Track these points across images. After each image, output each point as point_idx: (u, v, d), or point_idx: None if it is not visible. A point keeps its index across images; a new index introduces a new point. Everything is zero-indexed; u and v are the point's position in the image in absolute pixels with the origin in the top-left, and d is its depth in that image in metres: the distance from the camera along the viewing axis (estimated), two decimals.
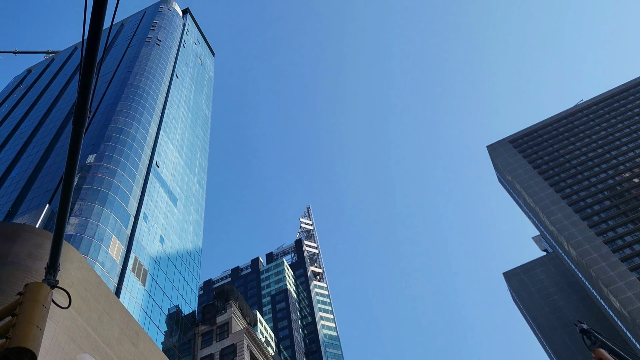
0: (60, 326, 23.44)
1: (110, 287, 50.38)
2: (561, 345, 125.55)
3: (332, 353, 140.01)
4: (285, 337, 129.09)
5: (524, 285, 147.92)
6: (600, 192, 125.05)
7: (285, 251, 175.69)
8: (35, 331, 6.65)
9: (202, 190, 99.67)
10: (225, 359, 67.23)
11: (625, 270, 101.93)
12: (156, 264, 67.48)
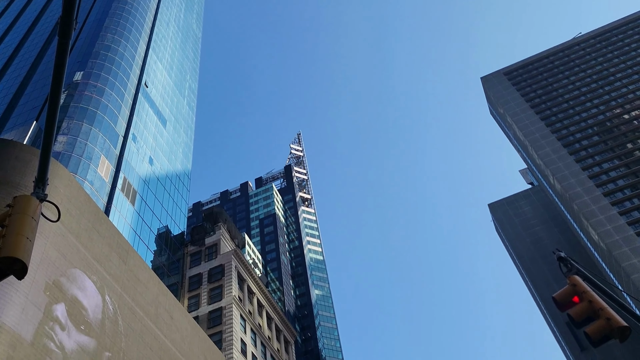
0: (50, 242, 23.79)
1: (100, 206, 50.79)
2: (539, 275, 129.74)
3: (318, 276, 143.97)
4: (272, 259, 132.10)
5: (507, 217, 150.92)
6: (590, 127, 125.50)
7: (275, 176, 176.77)
8: (25, 242, 6.75)
9: (192, 113, 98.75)
10: (213, 279, 68.97)
11: (607, 204, 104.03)
12: (145, 184, 67.77)
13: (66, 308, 23.50)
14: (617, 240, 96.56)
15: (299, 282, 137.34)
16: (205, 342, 35.58)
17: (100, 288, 26.16)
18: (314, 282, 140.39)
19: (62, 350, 22.16)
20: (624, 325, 9.04)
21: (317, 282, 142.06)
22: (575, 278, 9.83)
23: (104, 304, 26.14)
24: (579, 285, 9.72)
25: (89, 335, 24.04)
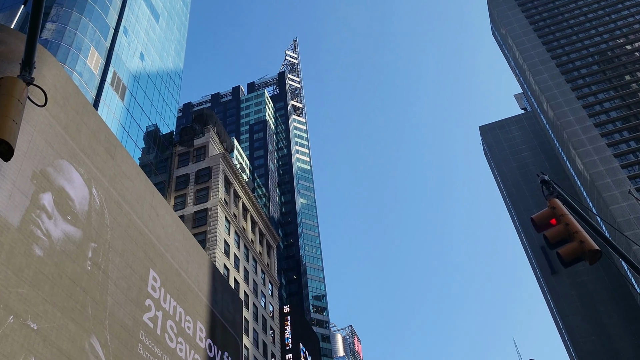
0: (37, 131, 23.62)
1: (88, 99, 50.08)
2: (521, 200, 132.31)
3: (304, 185, 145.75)
4: (260, 166, 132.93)
5: (497, 141, 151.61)
6: (590, 56, 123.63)
7: (268, 82, 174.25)
8: (11, 124, 6.67)
9: (186, 10, 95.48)
10: (200, 180, 69.60)
11: (596, 135, 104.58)
12: (135, 80, 66.61)
13: (53, 198, 23.74)
14: (601, 171, 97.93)
15: (285, 189, 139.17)
16: (189, 240, 36.45)
17: (87, 180, 26.33)
18: (299, 191, 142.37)
19: (49, 238, 22.62)
20: (596, 249, 9.36)
21: (302, 191, 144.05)
22: (555, 201, 10.04)
23: (91, 196, 26.43)
24: (558, 208, 9.94)
25: (75, 225, 24.46)
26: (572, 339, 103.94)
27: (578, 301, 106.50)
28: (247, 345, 59.00)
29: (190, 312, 33.03)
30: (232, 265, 62.95)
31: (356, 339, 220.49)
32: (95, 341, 23.40)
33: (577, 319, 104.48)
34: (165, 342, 29.16)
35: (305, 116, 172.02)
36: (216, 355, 35.19)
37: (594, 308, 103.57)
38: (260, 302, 69.63)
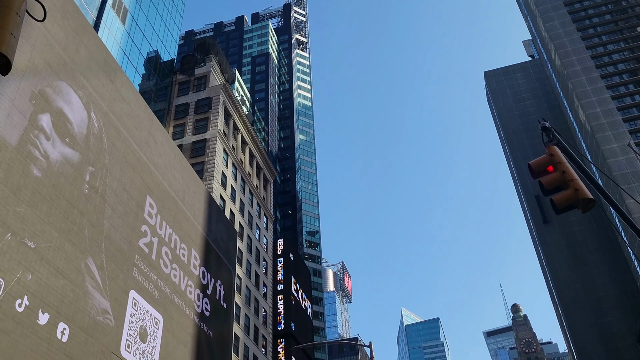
0: (36, 49, 23.22)
1: (88, 20, 48.94)
2: (520, 148, 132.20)
3: (304, 121, 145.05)
4: (261, 99, 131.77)
5: (501, 87, 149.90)
6: (604, 4, 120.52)
7: (272, 14, 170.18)
8: (9, 37, 6.52)
9: None
10: (200, 110, 69.14)
11: (602, 87, 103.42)
12: (137, 3, 64.95)
13: (51, 119, 23.61)
14: (603, 124, 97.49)
15: (284, 125, 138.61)
16: (187, 170, 36.58)
17: (86, 104, 26.12)
18: (299, 127, 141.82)
19: (47, 159, 22.66)
20: (589, 197, 9.43)
21: (302, 127, 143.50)
22: (554, 148, 10.03)
23: (89, 120, 26.29)
24: (556, 155, 9.94)
25: (73, 148, 24.45)
26: (557, 287, 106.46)
27: (567, 250, 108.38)
28: (240, 275, 60.34)
29: (186, 240, 33.58)
30: (228, 196, 63.48)
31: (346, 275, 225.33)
32: (91, 262, 23.88)
33: (564, 267, 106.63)
34: (160, 268, 29.79)
35: (309, 51, 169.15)
36: (209, 283, 36.03)
37: (582, 258, 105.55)
38: (255, 234, 70.70)
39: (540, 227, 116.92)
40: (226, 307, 38.44)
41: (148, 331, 27.34)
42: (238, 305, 57.88)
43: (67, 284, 21.98)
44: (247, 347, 58.06)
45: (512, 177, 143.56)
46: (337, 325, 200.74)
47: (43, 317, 20.40)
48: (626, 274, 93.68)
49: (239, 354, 54.88)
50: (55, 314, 21.02)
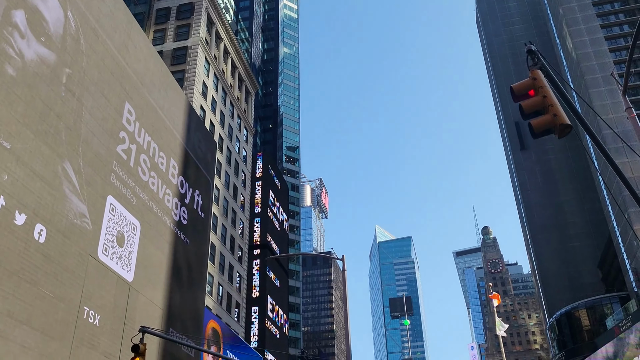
0: None
1: None
2: (504, 73, 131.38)
3: (289, 34, 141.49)
4: (245, 8, 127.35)
5: (492, 9, 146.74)
6: None
7: None
8: None
9: None
10: (182, 16, 66.85)
11: (592, 14, 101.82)
12: None
13: (26, 16, 22.67)
14: (589, 52, 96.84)
15: (268, 36, 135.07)
16: (166, 77, 35.81)
17: (62, 2, 25.04)
18: (283, 40, 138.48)
19: (22, 58, 21.96)
20: (567, 123, 9.55)
21: (287, 39, 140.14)
22: (537, 72, 10.01)
23: (66, 20, 25.30)
24: (539, 79, 9.94)
25: (49, 48, 23.66)
26: (527, 212, 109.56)
27: (540, 177, 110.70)
28: (218, 186, 60.78)
29: (164, 149, 33.44)
30: (208, 107, 62.74)
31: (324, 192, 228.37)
32: (68, 166, 23.77)
33: (537, 194, 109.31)
34: (138, 175, 29.81)
35: None
36: (187, 192, 36.29)
37: (554, 185, 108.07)
38: (235, 146, 70.60)
39: (517, 153, 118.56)
40: (204, 217, 38.99)
41: (125, 236, 27.75)
42: (215, 216, 58.71)
43: (44, 187, 21.96)
44: (223, 256, 59.49)
45: (494, 103, 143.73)
46: (312, 240, 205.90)
47: (20, 217, 20.52)
48: (594, 203, 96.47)
49: (215, 263, 56.30)
50: (32, 215, 21.14)
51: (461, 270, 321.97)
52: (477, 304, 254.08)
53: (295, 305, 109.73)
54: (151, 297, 29.61)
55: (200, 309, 36.85)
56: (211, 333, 44.20)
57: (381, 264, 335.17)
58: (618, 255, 77.71)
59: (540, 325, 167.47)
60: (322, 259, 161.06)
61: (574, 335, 75.38)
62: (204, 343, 37.80)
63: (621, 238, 74.84)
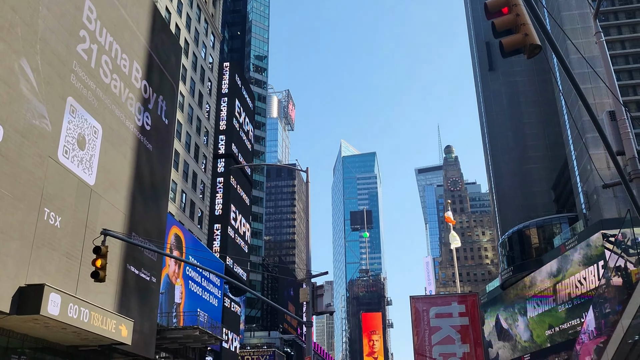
0: None
1: None
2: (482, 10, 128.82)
3: None
4: None
5: None
6: None
7: None
8: None
9: None
10: None
11: None
12: None
13: None
14: None
15: None
16: None
17: None
18: None
19: None
20: (537, 44, 9.55)
21: None
22: None
23: None
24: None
25: None
26: (490, 133, 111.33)
27: (506, 99, 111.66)
28: (183, 92, 59.50)
29: (127, 51, 32.26)
30: (174, 9, 60.18)
31: (291, 104, 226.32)
32: (25, 64, 22.81)
33: (501, 115, 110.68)
34: (99, 77, 28.87)
35: None
36: (151, 97, 35.46)
37: (518, 108, 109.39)
38: (201, 52, 68.57)
39: (485, 74, 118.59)
40: (167, 124, 38.40)
41: (87, 139, 27.24)
42: (180, 123, 57.89)
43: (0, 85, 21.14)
44: (187, 164, 59.27)
45: (467, 21, 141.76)
46: (277, 151, 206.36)
47: None
48: (555, 127, 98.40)
49: (178, 170, 56.13)
50: None
51: (422, 187, 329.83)
52: (435, 220, 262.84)
53: (258, 214, 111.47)
54: (113, 202, 29.59)
55: (163, 215, 37.11)
56: (174, 239, 44.83)
57: (344, 178, 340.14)
58: (572, 178, 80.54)
59: (492, 242, 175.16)
60: (286, 171, 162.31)
61: (523, 252, 79.19)
62: (167, 248, 38.39)
63: (576, 162, 77.29)
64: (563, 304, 60.25)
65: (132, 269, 31.39)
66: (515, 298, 72.66)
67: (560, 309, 60.75)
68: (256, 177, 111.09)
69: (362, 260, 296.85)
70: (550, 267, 63.90)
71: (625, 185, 11.65)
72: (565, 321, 59.42)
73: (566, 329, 58.54)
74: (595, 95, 68.14)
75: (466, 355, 15.02)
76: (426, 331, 15.64)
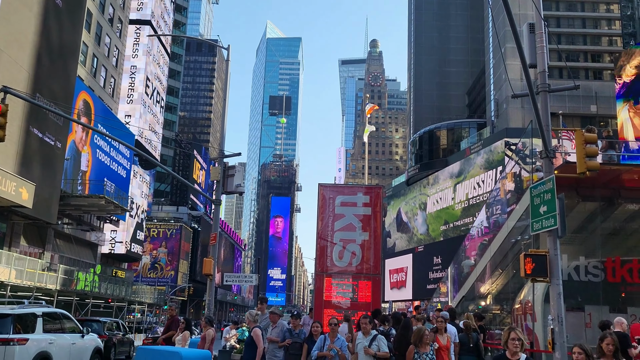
0: None
1: None
2: None
3: None
4: None
5: None
6: None
7: None
8: None
9: None
10: None
11: None
12: None
13: None
14: None
15: None
16: None
17: None
18: None
19: None
20: None
21: None
22: None
23: None
24: None
25: None
26: (417, 32, 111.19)
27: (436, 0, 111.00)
28: None
29: None
30: None
31: None
32: None
33: (429, 14, 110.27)
34: None
35: None
36: None
37: (447, 9, 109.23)
38: None
39: None
40: None
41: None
42: None
43: None
44: (100, 27, 55.37)
45: None
46: (200, 24, 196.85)
47: None
48: (478, 33, 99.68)
49: (90, 32, 52.43)
50: None
51: (343, 79, 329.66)
52: (352, 112, 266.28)
53: (174, 89, 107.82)
54: (16, 58, 27.55)
55: (71, 78, 35.12)
56: (82, 105, 42.76)
57: (267, 61, 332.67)
58: (486, 85, 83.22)
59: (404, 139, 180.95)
60: (207, 46, 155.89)
61: (431, 151, 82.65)
62: (74, 113, 36.66)
63: (493, 70, 79.56)
64: (460, 203, 64.48)
65: (36, 131, 29.99)
66: (418, 194, 76.77)
67: (457, 207, 65.06)
68: (175, 50, 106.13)
69: (277, 146, 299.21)
70: (453, 168, 67.43)
71: (531, 97, 12.23)
72: (459, 219, 63.91)
73: (459, 226, 63.11)
74: (520, 6, 69.03)
75: (365, 242, 15.97)
76: (330, 217, 16.36)
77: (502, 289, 23.91)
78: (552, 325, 11.51)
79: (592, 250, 19.36)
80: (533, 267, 11.59)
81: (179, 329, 13.67)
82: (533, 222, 12.52)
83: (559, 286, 11.67)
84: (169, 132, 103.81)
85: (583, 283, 18.27)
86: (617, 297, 18.71)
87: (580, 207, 19.25)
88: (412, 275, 72.40)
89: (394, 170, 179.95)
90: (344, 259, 16.13)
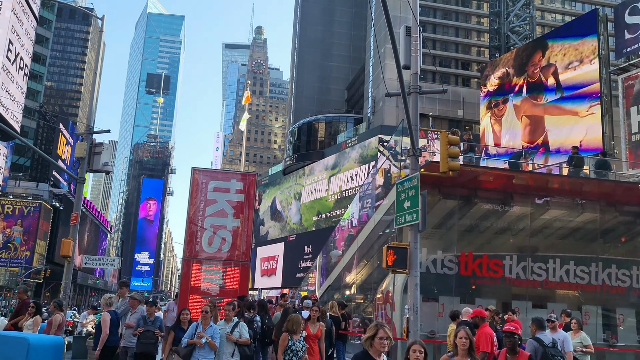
0: None
1: None
2: None
3: None
4: None
5: None
6: None
7: None
8: None
9: None
10: None
11: None
12: None
13: None
14: None
15: None
16: None
17: None
18: None
19: None
20: None
21: None
22: None
23: None
24: None
25: None
26: (302, 22, 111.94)
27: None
28: None
29: None
30: None
31: None
32: None
33: (316, 7, 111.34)
34: None
35: None
36: None
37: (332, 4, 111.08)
38: None
39: None
40: None
41: None
42: None
43: None
44: None
45: None
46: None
47: None
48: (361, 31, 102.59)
49: None
50: None
51: (226, 63, 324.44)
52: (233, 98, 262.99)
53: (41, 56, 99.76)
54: None
55: None
56: None
57: (147, 37, 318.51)
58: (365, 82, 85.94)
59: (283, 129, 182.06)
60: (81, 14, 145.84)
61: (309, 143, 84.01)
62: None
63: (372, 68, 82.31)
64: (333, 194, 66.21)
65: None
66: (294, 184, 77.70)
67: (330, 199, 66.75)
68: (44, 14, 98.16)
69: (152, 126, 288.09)
70: (329, 160, 69.05)
71: (403, 97, 12.80)
72: (332, 210, 65.63)
73: (331, 217, 64.81)
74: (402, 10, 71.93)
75: (236, 229, 15.88)
76: (202, 202, 16.05)
77: (367, 279, 24.94)
78: (408, 315, 12.19)
79: (449, 245, 20.74)
80: (394, 259, 12.18)
81: (27, 313, 12.78)
82: (397, 216, 13.16)
83: (417, 277, 12.38)
84: (33, 102, 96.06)
85: (439, 275, 19.54)
86: (468, 289, 20.24)
87: (442, 205, 20.49)
88: (282, 263, 73.31)
89: (271, 158, 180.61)
90: (214, 245, 15.89)
